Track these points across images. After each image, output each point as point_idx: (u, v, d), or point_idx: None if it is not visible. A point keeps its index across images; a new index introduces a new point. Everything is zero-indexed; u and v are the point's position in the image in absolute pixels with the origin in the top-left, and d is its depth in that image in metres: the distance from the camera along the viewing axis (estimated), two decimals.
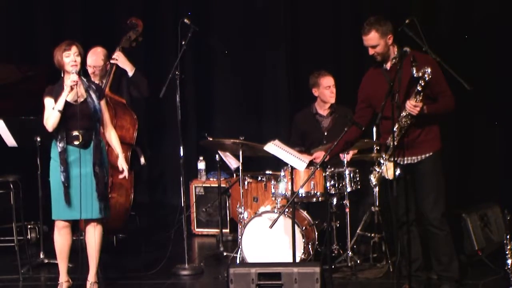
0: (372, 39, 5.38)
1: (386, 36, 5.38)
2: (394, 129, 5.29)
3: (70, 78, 5.58)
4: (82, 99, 5.68)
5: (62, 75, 5.70)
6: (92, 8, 8.90)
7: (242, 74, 8.83)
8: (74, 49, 5.64)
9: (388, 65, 5.45)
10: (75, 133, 5.63)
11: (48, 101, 5.65)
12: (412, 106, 5.24)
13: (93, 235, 5.76)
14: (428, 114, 5.29)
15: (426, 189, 5.45)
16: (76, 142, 5.64)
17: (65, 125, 5.62)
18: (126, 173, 5.92)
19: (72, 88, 5.57)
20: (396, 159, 5.31)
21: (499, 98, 7.76)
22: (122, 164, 5.89)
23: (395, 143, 5.30)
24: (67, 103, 5.60)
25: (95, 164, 5.65)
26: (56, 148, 5.66)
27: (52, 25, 8.94)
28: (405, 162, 5.44)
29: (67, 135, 5.63)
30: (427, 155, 5.43)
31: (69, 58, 5.63)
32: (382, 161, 5.44)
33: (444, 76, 5.40)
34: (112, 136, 5.90)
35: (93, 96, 5.69)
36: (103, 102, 5.79)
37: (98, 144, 5.68)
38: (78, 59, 5.65)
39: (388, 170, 5.34)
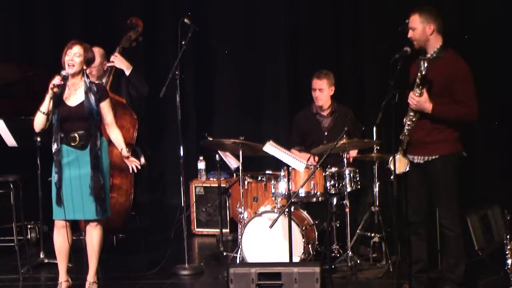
0: (413, 21, 5.44)
1: (427, 23, 5.39)
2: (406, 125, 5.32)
3: (53, 81, 5.54)
4: (80, 101, 5.64)
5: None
6: (92, 8, 8.89)
7: (242, 74, 8.82)
8: (76, 49, 5.62)
9: (428, 54, 5.42)
10: (73, 134, 5.61)
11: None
12: (410, 97, 5.28)
13: (91, 236, 5.75)
14: (434, 114, 5.28)
15: (435, 191, 5.42)
16: (73, 143, 5.62)
17: (61, 126, 5.59)
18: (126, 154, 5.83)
19: (53, 91, 5.53)
20: (406, 154, 5.36)
21: (499, 98, 7.74)
22: (124, 152, 5.79)
23: (399, 139, 5.33)
24: (64, 104, 5.59)
25: (91, 166, 5.62)
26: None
27: (52, 25, 8.92)
28: (415, 160, 5.43)
29: (66, 136, 5.61)
30: (433, 157, 5.37)
31: (68, 57, 5.61)
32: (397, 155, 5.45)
33: (473, 87, 5.36)
34: (115, 135, 5.81)
35: (92, 98, 5.63)
36: (105, 103, 5.71)
37: (94, 146, 5.62)
38: (77, 59, 5.61)
39: (397, 163, 5.33)
